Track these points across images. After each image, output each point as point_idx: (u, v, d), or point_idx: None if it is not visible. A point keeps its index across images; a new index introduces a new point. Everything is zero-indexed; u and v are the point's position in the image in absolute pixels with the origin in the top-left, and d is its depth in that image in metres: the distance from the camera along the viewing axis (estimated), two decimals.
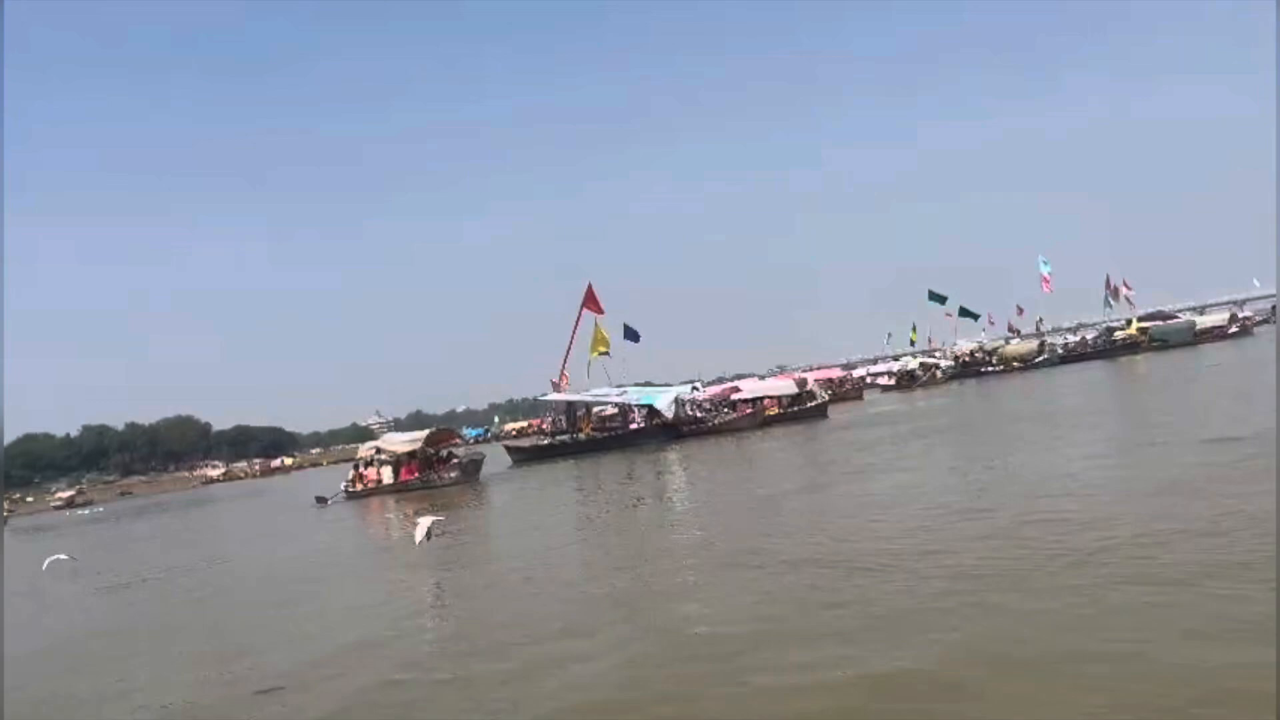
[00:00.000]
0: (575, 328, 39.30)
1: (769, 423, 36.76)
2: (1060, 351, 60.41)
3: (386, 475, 34.17)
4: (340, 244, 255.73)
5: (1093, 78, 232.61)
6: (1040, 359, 58.78)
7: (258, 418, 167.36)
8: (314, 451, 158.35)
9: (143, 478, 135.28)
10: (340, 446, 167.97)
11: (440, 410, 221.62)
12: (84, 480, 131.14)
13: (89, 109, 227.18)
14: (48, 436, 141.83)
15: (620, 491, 22.05)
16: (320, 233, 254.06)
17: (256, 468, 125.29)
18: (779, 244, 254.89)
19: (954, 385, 51.45)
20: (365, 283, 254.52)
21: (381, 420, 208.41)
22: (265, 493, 61.82)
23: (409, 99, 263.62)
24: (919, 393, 48.87)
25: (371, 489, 34.04)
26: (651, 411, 36.95)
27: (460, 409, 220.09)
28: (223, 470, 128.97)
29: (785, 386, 38.79)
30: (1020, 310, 77.83)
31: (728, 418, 37.43)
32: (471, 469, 33.52)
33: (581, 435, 38.90)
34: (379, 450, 35.50)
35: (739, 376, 70.32)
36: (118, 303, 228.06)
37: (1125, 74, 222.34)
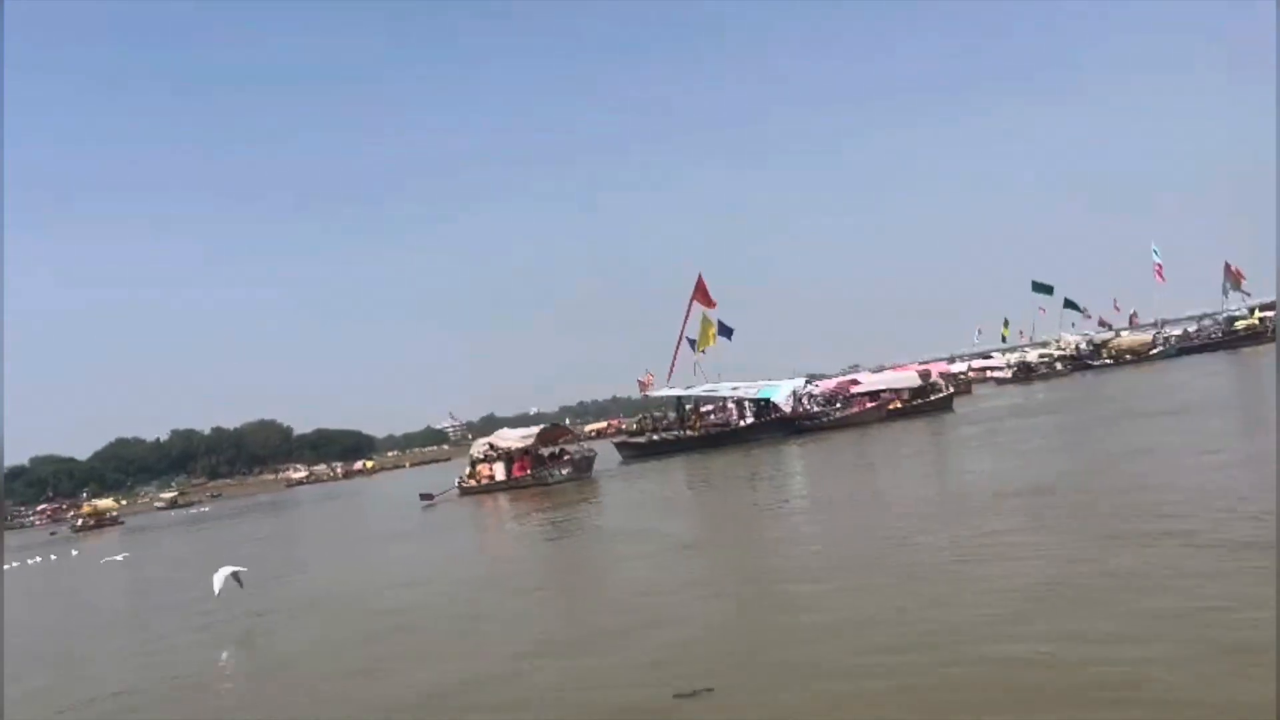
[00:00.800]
0: (685, 321, 38.41)
1: (891, 416, 35.38)
2: (1175, 343, 57.66)
3: (499, 472, 33.81)
4: (409, 248, 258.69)
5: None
6: (1155, 351, 56.03)
7: (334, 421, 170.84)
8: (390, 454, 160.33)
9: (228, 480, 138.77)
10: (416, 449, 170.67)
11: (511, 413, 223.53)
12: (173, 483, 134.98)
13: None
14: (138, 441, 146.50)
15: (748, 492, 20.62)
16: (389, 236, 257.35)
17: (339, 470, 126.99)
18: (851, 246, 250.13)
19: (1075, 377, 49.11)
20: (433, 286, 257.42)
21: (455, 423, 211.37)
22: (354, 494, 62.24)
23: (477, 108, 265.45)
24: (1038, 385, 46.80)
25: (485, 485, 33.78)
26: (767, 405, 35.80)
27: (531, 411, 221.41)
28: (306, 473, 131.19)
29: (907, 378, 37.27)
30: (1117, 305, 75.04)
31: (848, 411, 36.08)
32: (584, 465, 32.89)
33: (690, 431, 37.94)
34: (492, 446, 35.16)
35: (811, 377, 68.82)
36: (203, 312, 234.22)
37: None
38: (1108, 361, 56.66)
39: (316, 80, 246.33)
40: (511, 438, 34.67)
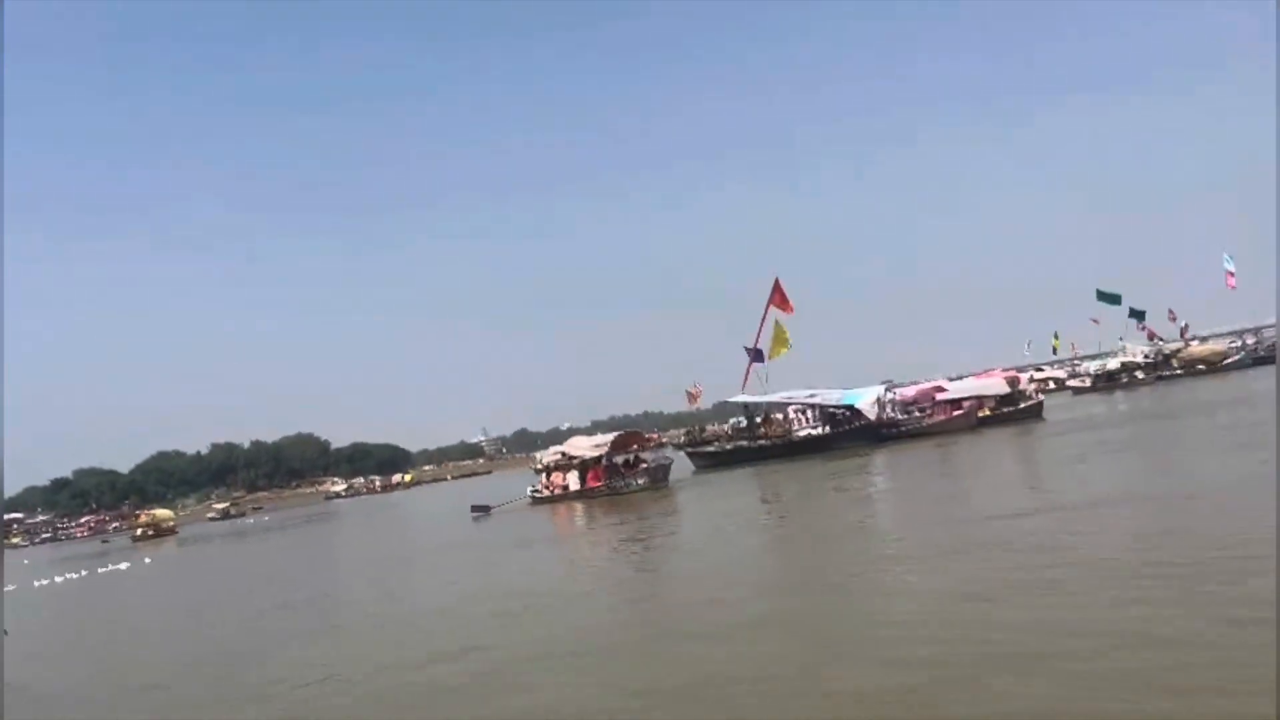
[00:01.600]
0: (760, 327, 37.24)
1: (979, 424, 34.01)
2: (1250, 353, 55.68)
3: (572, 480, 32.82)
4: (445, 260, 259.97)
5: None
6: (1229, 361, 54.06)
7: (368, 436, 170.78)
8: (427, 468, 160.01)
9: (266, 493, 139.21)
10: (452, 463, 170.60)
11: (544, 428, 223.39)
12: (213, 495, 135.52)
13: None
14: (179, 454, 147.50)
15: (850, 510, 18.09)
16: (426, 251, 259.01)
17: (377, 484, 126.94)
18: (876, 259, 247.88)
19: (1159, 387, 47.29)
20: (465, 302, 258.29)
21: (488, 438, 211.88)
22: (400, 506, 61.62)
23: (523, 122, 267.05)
24: (1120, 395, 45.09)
25: (557, 494, 32.84)
26: (852, 413, 34.54)
27: (564, 426, 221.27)
28: (344, 486, 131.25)
29: (995, 385, 35.81)
30: (1173, 315, 72.91)
31: (935, 419, 34.70)
32: (660, 475, 31.83)
33: (763, 440, 36.75)
34: (564, 454, 34.19)
35: (889, 384, 67.42)
36: (238, 328, 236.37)
37: None
38: (1178, 371, 54.84)
39: (356, 98, 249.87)
40: (585, 445, 33.61)
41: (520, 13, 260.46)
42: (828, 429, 36.07)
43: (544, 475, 34.93)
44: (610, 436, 33.92)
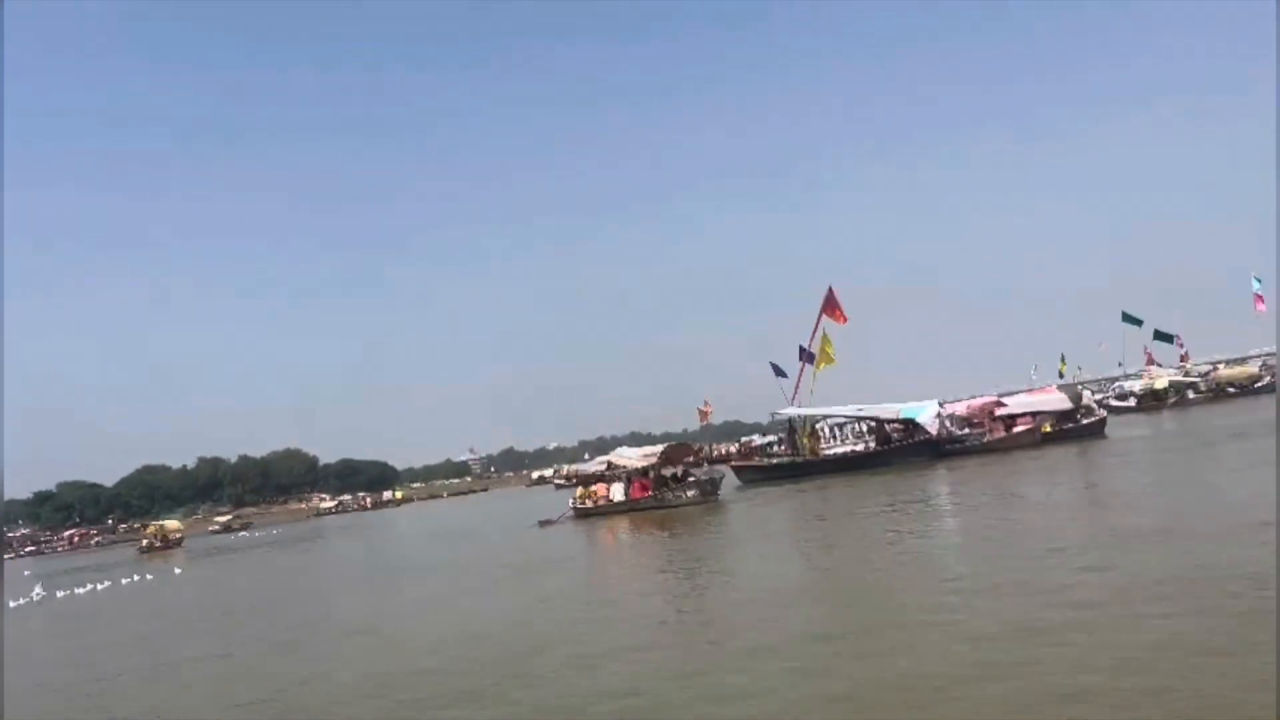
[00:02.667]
0: (813, 337, 36.05)
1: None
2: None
3: (617, 493, 31.60)
4: (430, 284, 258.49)
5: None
6: (1260, 385, 53.55)
7: (352, 453, 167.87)
8: (415, 486, 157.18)
9: (254, 509, 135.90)
10: (440, 481, 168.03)
11: (531, 448, 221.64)
12: (200, 510, 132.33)
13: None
14: (164, 468, 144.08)
15: (919, 531, 15.99)
16: (414, 275, 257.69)
17: (368, 501, 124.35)
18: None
19: (1210, 408, 46.34)
20: (451, 323, 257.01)
21: (475, 456, 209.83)
22: (397, 523, 59.76)
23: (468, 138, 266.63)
24: (1166, 414, 44.28)
25: (601, 507, 31.48)
26: (913, 426, 33.38)
27: (552, 446, 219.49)
28: (334, 503, 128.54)
29: (1057, 400, 34.79)
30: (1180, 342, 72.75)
31: (996, 435, 33.58)
32: (710, 489, 30.56)
33: (806, 455, 35.56)
34: (610, 465, 32.93)
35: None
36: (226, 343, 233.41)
37: None
38: (1206, 394, 54.34)
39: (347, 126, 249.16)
40: (632, 456, 32.41)
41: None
42: (872, 444, 35.07)
43: (582, 486, 33.72)
44: (659, 448, 32.74)
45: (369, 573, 25.12)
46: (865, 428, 38.34)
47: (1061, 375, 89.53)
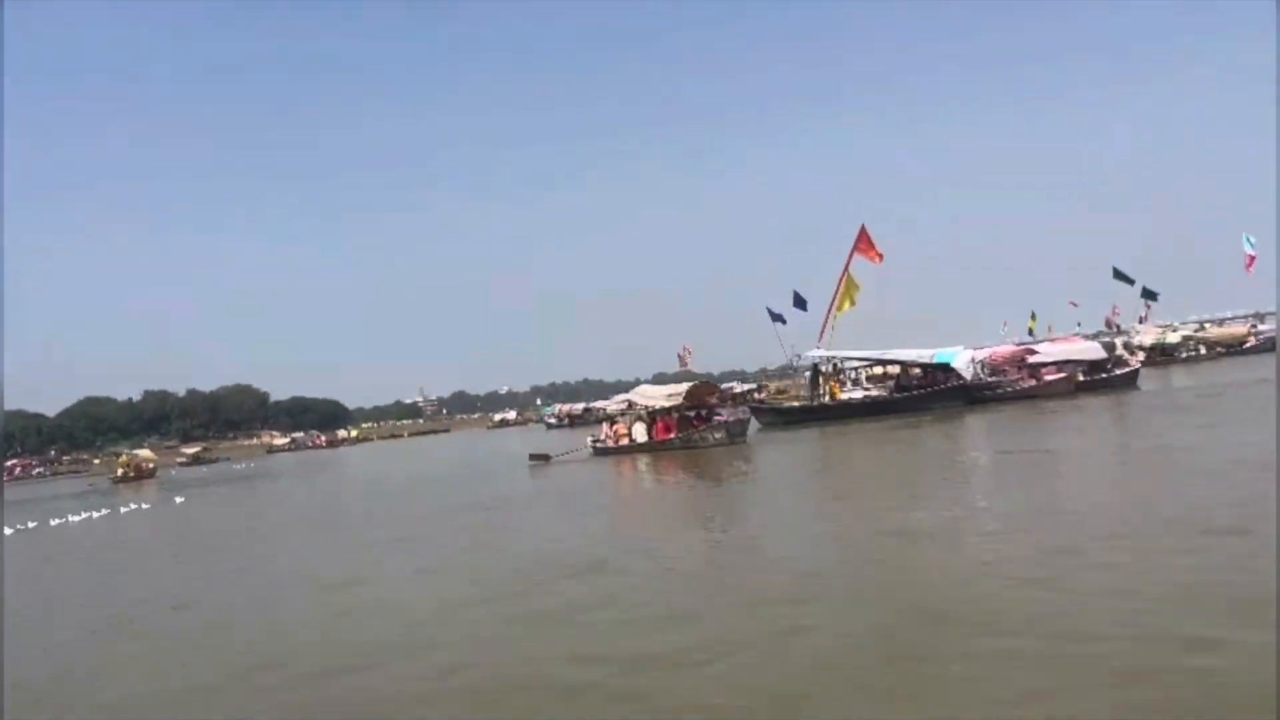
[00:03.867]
0: (842, 277, 34.55)
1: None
2: (1267, 339, 55.88)
3: (639, 433, 30.17)
4: (386, 225, 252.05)
5: None
6: (1248, 345, 53.96)
7: (300, 391, 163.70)
8: (366, 426, 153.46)
9: (203, 444, 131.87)
10: (392, 422, 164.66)
11: (482, 391, 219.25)
12: (146, 444, 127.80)
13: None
14: (109, 400, 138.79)
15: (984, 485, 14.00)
16: (370, 212, 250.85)
17: (322, 439, 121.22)
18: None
19: (1223, 363, 46.19)
20: (403, 265, 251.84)
21: (426, 399, 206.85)
22: (356, 462, 57.34)
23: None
24: (1177, 369, 44.04)
25: (622, 446, 30.07)
26: (946, 371, 32.33)
27: (503, 390, 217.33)
28: (287, 439, 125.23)
29: (1089, 349, 34.08)
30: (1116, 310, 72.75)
31: (1027, 383, 32.73)
32: (738, 429, 29.25)
33: (827, 399, 34.39)
34: (631, 404, 31.46)
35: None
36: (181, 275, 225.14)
37: None
38: (1197, 353, 54.55)
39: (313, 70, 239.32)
40: (656, 395, 30.82)
41: None
42: (890, 390, 34.21)
43: (606, 424, 32.58)
44: (684, 386, 31.20)
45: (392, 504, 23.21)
46: (882, 373, 37.36)
47: (1031, 333, 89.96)
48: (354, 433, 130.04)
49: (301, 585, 11.55)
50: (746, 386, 62.26)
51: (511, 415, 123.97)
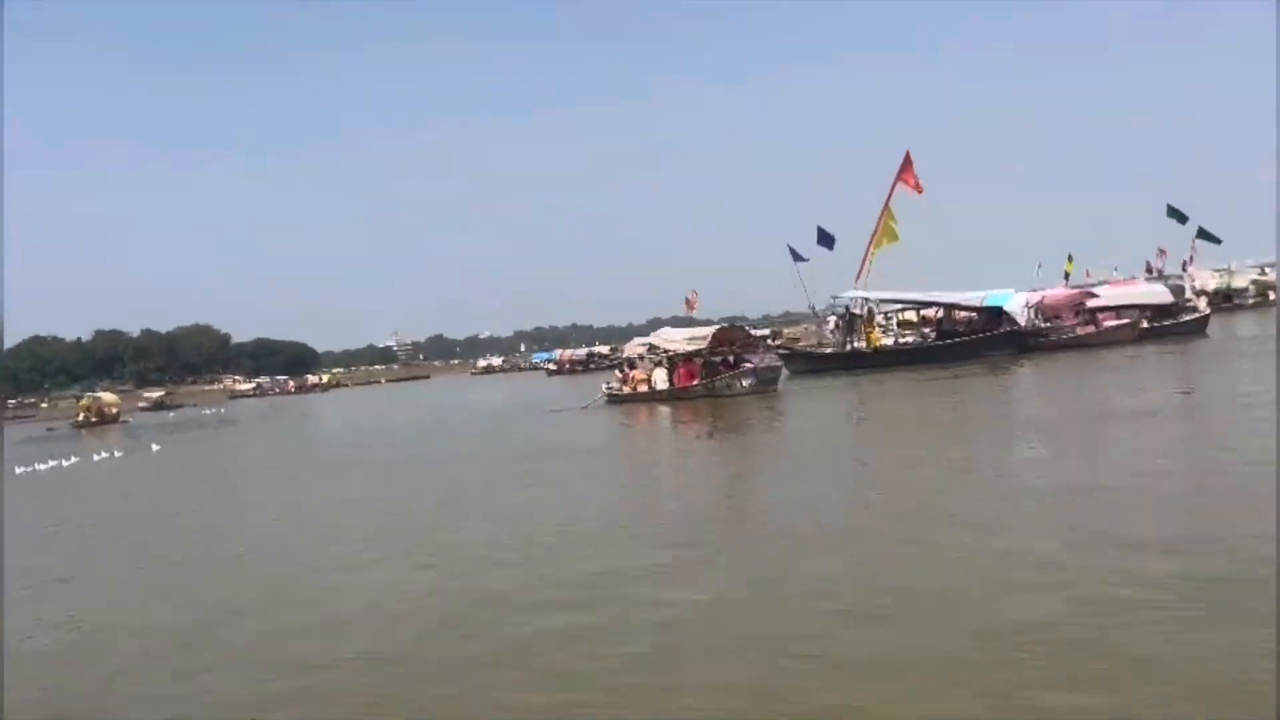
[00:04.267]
0: (884, 209, 30.85)
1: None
2: None
3: (659, 379, 26.93)
4: (351, 169, 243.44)
5: None
6: None
7: (270, 333, 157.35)
8: (338, 371, 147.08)
9: (160, 389, 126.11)
10: (364, 367, 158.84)
11: (461, 335, 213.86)
12: (98, 387, 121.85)
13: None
14: (57, 340, 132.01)
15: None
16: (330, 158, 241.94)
17: (291, 385, 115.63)
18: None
19: None
20: (381, 198, 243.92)
21: (400, 343, 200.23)
22: (334, 409, 53.28)
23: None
24: (1242, 316, 41.11)
25: (641, 394, 26.77)
26: (999, 315, 29.05)
27: (484, 335, 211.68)
28: (252, 385, 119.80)
29: (1155, 293, 31.05)
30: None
31: (1087, 330, 29.62)
32: (769, 377, 26.07)
33: (863, 345, 31.09)
34: (651, 348, 28.01)
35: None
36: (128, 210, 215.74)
37: None
38: (1264, 298, 51.36)
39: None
40: (678, 339, 27.53)
41: None
42: (936, 336, 31.03)
43: (620, 369, 29.71)
44: (709, 330, 27.86)
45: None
46: (916, 317, 34.16)
47: (1068, 276, 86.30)
48: (325, 378, 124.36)
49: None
50: (759, 333, 59.02)
51: (496, 361, 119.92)
